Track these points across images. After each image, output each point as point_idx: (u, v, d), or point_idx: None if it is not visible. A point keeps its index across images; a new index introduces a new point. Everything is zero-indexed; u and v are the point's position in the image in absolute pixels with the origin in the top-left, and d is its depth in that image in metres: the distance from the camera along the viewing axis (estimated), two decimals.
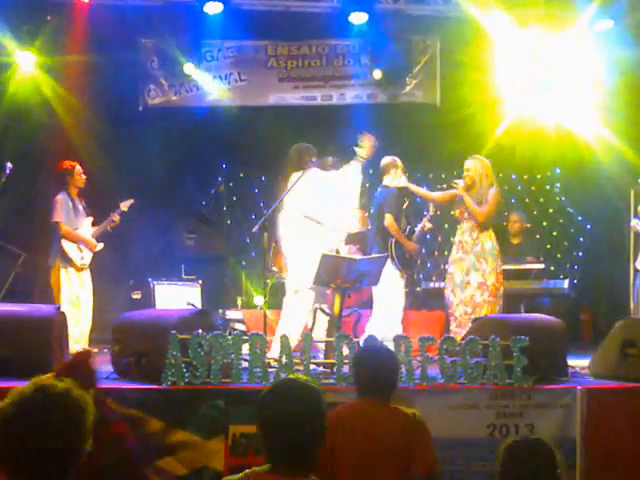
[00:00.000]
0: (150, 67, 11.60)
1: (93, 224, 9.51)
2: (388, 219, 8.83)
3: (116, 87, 10.97)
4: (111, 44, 10.61)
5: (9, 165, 8.81)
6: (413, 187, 9.08)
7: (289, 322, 7.85)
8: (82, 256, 9.30)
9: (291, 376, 3.38)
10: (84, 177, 9.41)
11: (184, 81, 11.65)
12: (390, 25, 10.91)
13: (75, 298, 9.20)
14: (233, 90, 11.78)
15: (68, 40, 10.35)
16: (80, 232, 9.33)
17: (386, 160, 9.11)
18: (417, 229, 9.41)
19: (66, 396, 2.69)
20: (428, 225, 9.54)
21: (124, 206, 9.58)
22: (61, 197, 9.23)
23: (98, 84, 10.67)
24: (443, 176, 12.72)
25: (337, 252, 8.51)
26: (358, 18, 10.66)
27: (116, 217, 9.53)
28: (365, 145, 8.36)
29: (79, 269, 9.27)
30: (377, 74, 11.44)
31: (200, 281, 10.73)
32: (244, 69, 11.75)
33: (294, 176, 7.99)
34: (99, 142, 10.62)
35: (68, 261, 9.19)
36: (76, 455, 2.65)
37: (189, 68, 11.28)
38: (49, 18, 10.46)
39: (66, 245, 9.19)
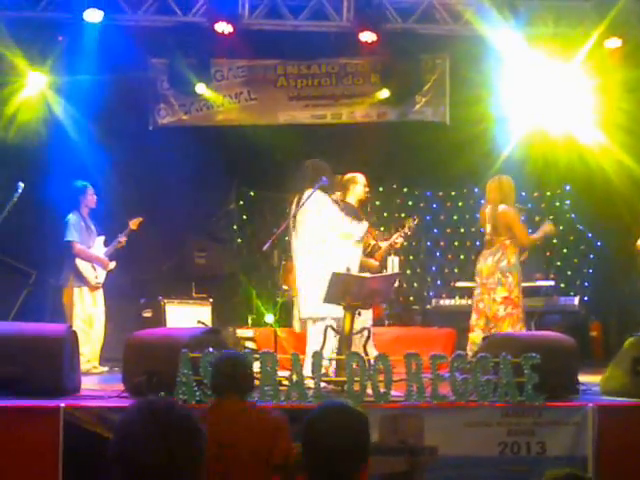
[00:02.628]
0: (160, 87, 11.65)
1: (104, 243, 9.57)
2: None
3: (126, 107, 11.03)
4: (122, 64, 10.66)
5: (20, 185, 8.85)
6: (537, 236, 8.94)
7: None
8: (96, 275, 9.35)
9: (334, 400, 3.32)
10: (95, 197, 9.48)
11: (194, 100, 11.71)
12: (399, 44, 10.94)
13: (87, 317, 9.24)
14: (243, 109, 11.83)
15: (79, 60, 10.39)
16: (93, 251, 9.38)
17: (347, 176, 9.00)
18: (384, 245, 9.31)
19: (171, 410, 2.64)
20: (398, 241, 9.41)
21: (133, 224, 9.65)
22: (73, 216, 9.30)
23: (109, 104, 10.71)
24: (453, 194, 12.77)
25: (348, 270, 8.51)
26: (367, 37, 10.68)
27: (123, 238, 9.60)
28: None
29: (93, 288, 9.32)
30: (384, 93, 11.47)
31: (211, 299, 10.75)
32: (254, 88, 11.80)
33: (307, 193, 7.95)
34: (110, 162, 10.66)
35: (82, 280, 9.25)
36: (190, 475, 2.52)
37: (201, 88, 11.32)
38: (60, 38, 10.52)
39: (80, 264, 9.24)
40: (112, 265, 9.52)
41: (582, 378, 7.06)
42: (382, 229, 10.55)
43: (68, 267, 9.31)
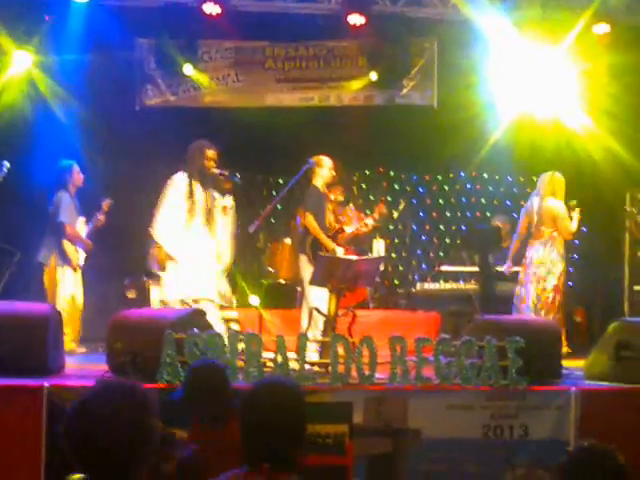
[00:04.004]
0: (147, 67, 11.59)
1: (85, 223, 9.53)
2: (307, 217, 8.72)
3: (113, 86, 10.97)
4: (108, 43, 10.61)
5: (5, 163, 8.79)
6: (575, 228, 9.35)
7: None
8: (78, 256, 9.32)
9: (272, 377, 3.34)
10: (82, 176, 9.44)
11: (181, 81, 11.65)
12: (387, 27, 10.91)
13: (70, 297, 9.21)
14: (230, 91, 11.79)
15: (65, 39, 10.33)
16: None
17: (314, 159, 8.99)
18: (350, 230, 9.30)
19: (131, 393, 2.65)
20: (365, 229, 9.44)
21: (105, 205, 9.60)
22: (65, 196, 9.24)
23: (95, 83, 10.65)
24: (439, 178, 12.77)
25: (334, 252, 8.53)
26: (356, 20, 10.65)
27: (102, 216, 9.56)
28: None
29: (75, 268, 9.29)
30: (373, 76, 11.44)
31: None
32: (242, 70, 11.75)
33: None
34: (96, 141, 10.61)
35: (66, 260, 9.20)
36: (139, 457, 2.59)
37: (188, 69, 11.27)
38: (47, 18, 10.45)
39: (67, 245, 9.20)
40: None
41: (565, 363, 7.10)
42: (368, 212, 10.53)
43: (52, 245, 9.24)
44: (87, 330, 9.52)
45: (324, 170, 8.93)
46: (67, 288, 9.22)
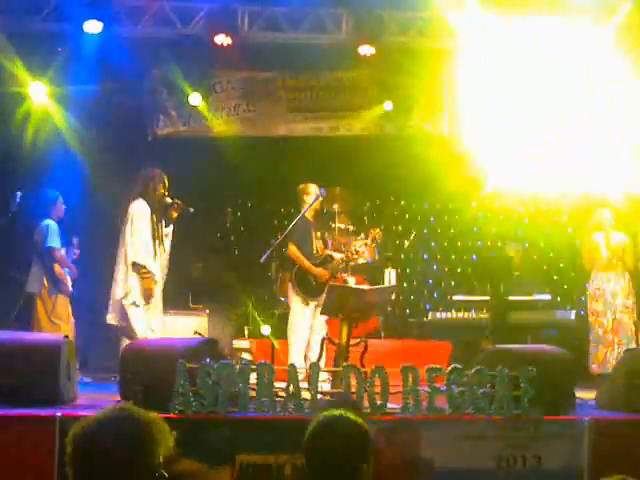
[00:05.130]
0: (159, 98, 11.67)
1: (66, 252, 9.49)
2: (290, 248, 8.85)
3: (125, 117, 11.05)
4: (121, 74, 10.69)
5: (18, 194, 8.82)
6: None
7: None
8: (69, 282, 9.27)
9: (340, 412, 3.32)
10: (64, 207, 9.41)
11: (193, 112, 11.73)
12: (398, 57, 10.96)
13: (59, 322, 9.10)
14: (242, 121, 11.85)
15: (79, 70, 10.41)
16: None
17: (300, 187, 9.17)
18: (338, 257, 9.29)
19: (136, 415, 2.67)
20: (357, 253, 9.46)
21: (76, 243, 9.60)
22: (53, 223, 9.20)
23: (108, 114, 10.73)
24: (450, 207, 12.77)
25: (345, 282, 8.55)
26: (366, 50, 10.71)
27: (77, 251, 9.56)
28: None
29: (68, 294, 9.22)
30: (388, 106, 11.49)
31: (207, 310, 10.74)
32: (253, 100, 11.82)
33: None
34: (108, 171, 10.66)
35: (59, 288, 9.13)
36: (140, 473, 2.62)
37: (194, 98, 11.32)
38: (60, 49, 10.54)
39: (59, 272, 9.14)
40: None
41: (579, 392, 7.07)
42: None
43: (42, 273, 9.16)
44: (91, 359, 9.53)
45: (310, 197, 9.01)
46: (56, 315, 9.13)
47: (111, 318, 8.17)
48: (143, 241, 8.10)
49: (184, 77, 11.13)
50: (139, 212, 8.19)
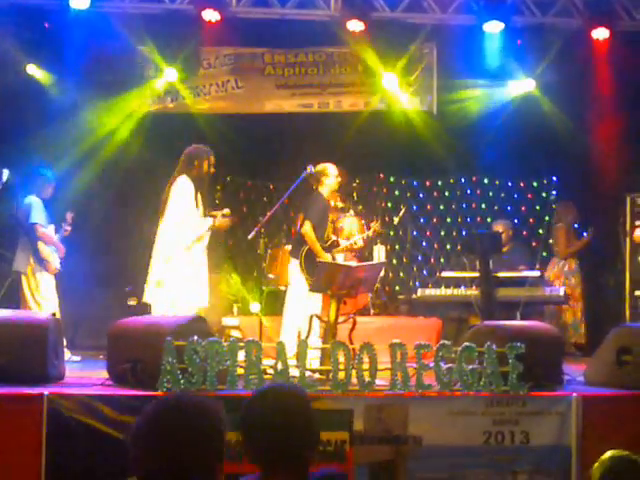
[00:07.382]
0: (147, 74, 11.59)
1: (54, 230, 9.38)
2: (306, 226, 8.51)
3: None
4: (108, 51, 10.62)
5: (5, 172, 8.75)
6: None
7: None
8: (56, 259, 9.17)
9: (276, 383, 3.32)
10: (53, 187, 9.32)
11: (180, 88, 11.64)
12: (387, 33, 10.91)
13: (43, 301, 9.03)
14: (230, 97, 11.79)
15: (65, 46, 10.36)
16: None
17: (318, 168, 8.76)
18: (345, 244, 9.21)
19: (203, 409, 2.64)
20: (358, 244, 9.41)
21: (69, 217, 9.48)
22: (36, 199, 9.11)
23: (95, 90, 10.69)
24: (440, 183, 12.74)
25: (333, 259, 8.53)
26: (355, 26, 10.65)
27: (68, 227, 9.43)
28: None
29: (53, 272, 9.13)
30: (376, 81, 11.45)
31: None
32: (241, 76, 11.76)
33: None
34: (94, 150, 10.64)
35: (44, 265, 9.04)
36: (208, 473, 2.58)
37: (171, 74, 11.26)
38: (47, 25, 10.52)
39: (43, 248, 9.03)
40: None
41: (567, 368, 7.09)
42: (371, 218, 10.50)
43: (27, 251, 9.08)
44: (87, 338, 9.51)
45: (330, 179, 8.75)
46: (40, 292, 9.04)
47: (147, 296, 8.09)
48: (186, 219, 8.00)
49: (172, 53, 11.05)
50: (182, 190, 8.07)
